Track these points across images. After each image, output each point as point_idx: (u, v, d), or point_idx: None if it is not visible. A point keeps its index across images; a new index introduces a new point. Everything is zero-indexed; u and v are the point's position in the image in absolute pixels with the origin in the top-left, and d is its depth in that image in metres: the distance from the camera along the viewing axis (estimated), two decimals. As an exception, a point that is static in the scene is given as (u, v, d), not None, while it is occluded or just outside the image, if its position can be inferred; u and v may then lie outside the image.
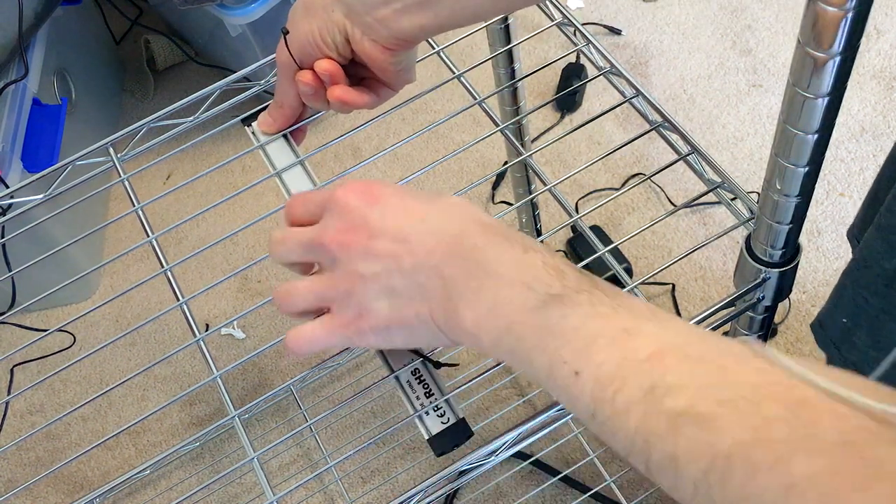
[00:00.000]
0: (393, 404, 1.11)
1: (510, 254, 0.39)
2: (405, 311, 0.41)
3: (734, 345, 0.33)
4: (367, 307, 0.42)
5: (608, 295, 0.37)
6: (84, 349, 1.17)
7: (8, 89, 1.07)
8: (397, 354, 0.49)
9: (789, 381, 0.30)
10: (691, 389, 0.32)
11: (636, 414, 0.33)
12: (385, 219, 0.41)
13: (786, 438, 0.29)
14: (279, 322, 1.23)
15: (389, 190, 0.43)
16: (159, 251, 0.58)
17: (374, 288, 0.41)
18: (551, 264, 0.39)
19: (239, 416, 0.51)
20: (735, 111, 1.31)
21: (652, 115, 0.60)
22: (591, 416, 0.35)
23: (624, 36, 1.43)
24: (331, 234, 0.42)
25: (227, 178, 1.38)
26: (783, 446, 0.29)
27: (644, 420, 0.33)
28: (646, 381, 0.33)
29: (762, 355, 0.33)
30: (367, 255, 0.41)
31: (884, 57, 1.31)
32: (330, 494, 1.06)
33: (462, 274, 0.39)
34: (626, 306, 0.36)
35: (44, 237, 1.07)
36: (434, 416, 0.48)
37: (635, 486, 1.00)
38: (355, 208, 0.42)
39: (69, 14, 1.30)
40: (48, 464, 1.16)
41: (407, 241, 0.41)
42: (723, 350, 0.33)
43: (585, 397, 0.35)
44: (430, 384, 0.48)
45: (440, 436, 0.47)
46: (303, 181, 0.58)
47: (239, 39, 1.22)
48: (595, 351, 0.35)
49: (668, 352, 0.33)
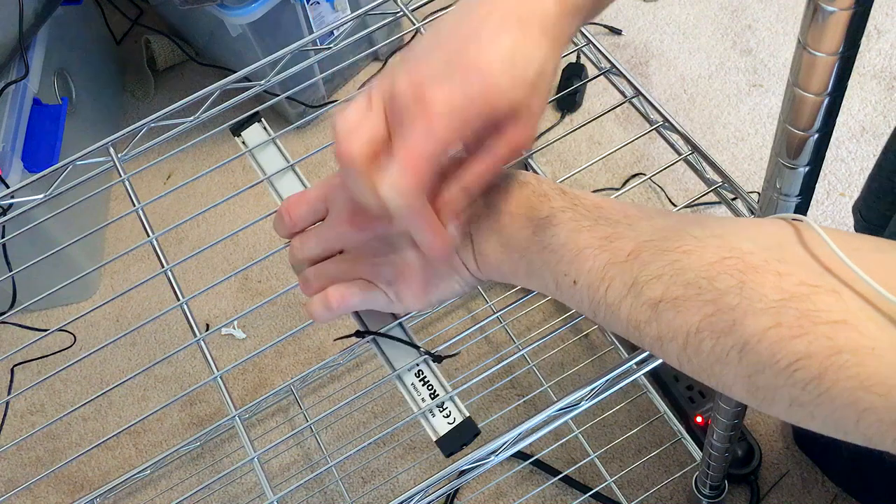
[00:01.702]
0: (393, 404, 1.11)
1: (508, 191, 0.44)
2: None
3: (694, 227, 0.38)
4: (395, 276, 0.46)
5: (588, 209, 0.42)
6: (84, 349, 1.17)
7: (8, 89, 1.07)
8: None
9: (741, 254, 0.35)
10: (664, 277, 0.37)
11: (625, 306, 0.38)
12: None
13: (737, 305, 0.33)
14: (279, 322, 1.23)
15: None
16: (159, 251, 0.58)
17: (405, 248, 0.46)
18: (539, 191, 0.44)
19: (239, 416, 0.51)
20: (735, 111, 1.31)
21: (652, 115, 0.60)
22: (593, 315, 0.41)
23: (624, 36, 1.43)
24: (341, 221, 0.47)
25: (227, 178, 1.38)
26: (735, 312, 0.33)
27: (631, 311, 0.38)
28: (628, 278, 0.38)
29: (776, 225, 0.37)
30: None
31: (884, 57, 1.31)
32: (330, 495, 1.06)
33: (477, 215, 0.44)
34: (605, 217, 0.41)
35: (44, 237, 1.06)
36: (440, 417, 0.48)
37: (635, 486, 1.00)
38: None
39: (69, 14, 1.30)
40: (48, 464, 1.16)
41: None
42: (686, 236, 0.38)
43: (585, 300, 0.41)
44: (435, 385, 0.49)
45: (448, 436, 0.47)
46: (294, 185, 0.58)
47: (239, 39, 1.22)
48: (584, 259, 0.40)
49: (643, 249, 0.38)
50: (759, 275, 0.34)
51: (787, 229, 0.36)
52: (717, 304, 0.34)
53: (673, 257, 0.37)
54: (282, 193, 0.57)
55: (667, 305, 0.36)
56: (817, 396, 0.31)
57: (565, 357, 1.11)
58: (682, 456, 1.01)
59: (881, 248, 0.34)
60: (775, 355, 0.32)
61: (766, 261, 0.34)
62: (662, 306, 0.36)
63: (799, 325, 0.31)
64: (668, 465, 1.01)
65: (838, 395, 0.30)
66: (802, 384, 0.32)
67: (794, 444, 1.00)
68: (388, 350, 0.50)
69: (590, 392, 0.52)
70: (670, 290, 0.36)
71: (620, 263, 0.39)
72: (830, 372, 0.30)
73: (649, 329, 0.37)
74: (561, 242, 0.41)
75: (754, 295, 0.33)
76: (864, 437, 0.31)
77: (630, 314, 0.38)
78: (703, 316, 0.35)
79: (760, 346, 0.33)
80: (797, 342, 0.31)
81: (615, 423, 1.05)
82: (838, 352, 0.30)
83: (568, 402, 0.52)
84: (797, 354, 0.31)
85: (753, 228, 0.38)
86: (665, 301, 0.36)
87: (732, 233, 0.37)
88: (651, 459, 1.01)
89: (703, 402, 1.00)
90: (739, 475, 0.97)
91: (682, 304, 0.36)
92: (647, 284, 0.37)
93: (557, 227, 0.42)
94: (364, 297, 0.47)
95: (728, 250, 0.35)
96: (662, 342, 0.37)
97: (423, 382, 0.49)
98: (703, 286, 0.35)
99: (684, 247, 0.37)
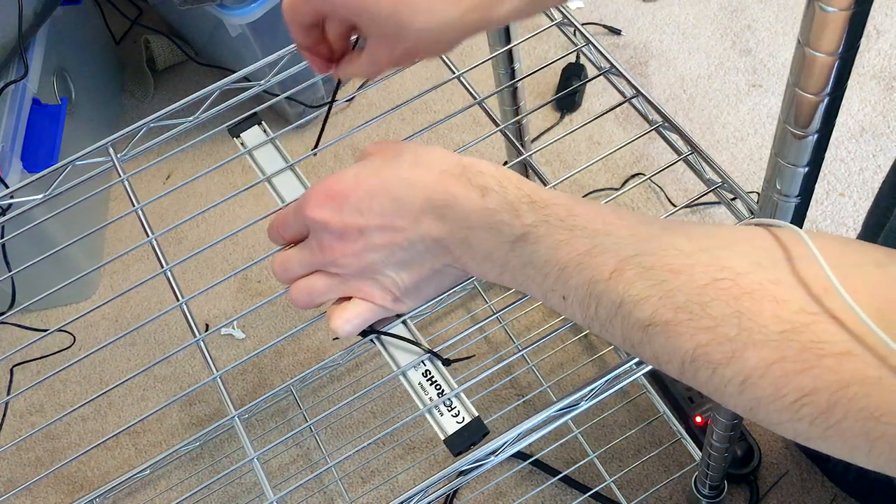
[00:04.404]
0: (393, 404, 1.11)
1: (471, 202, 0.42)
2: (424, 269, 0.45)
3: (679, 239, 0.37)
4: (392, 281, 0.46)
5: (562, 219, 0.40)
6: (84, 349, 1.17)
7: (8, 89, 1.07)
8: None
9: (734, 275, 0.33)
10: (653, 299, 0.35)
11: (616, 326, 0.37)
12: (362, 212, 0.44)
13: (735, 336, 0.32)
14: (279, 322, 1.23)
15: (347, 180, 0.45)
16: (159, 251, 0.57)
17: (389, 265, 0.45)
18: (506, 202, 0.41)
19: (239, 417, 0.51)
20: (735, 111, 1.31)
21: (652, 115, 0.60)
22: (588, 328, 0.40)
23: (624, 36, 1.43)
24: (328, 252, 0.46)
25: (227, 178, 1.38)
26: (734, 343, 0.32)
27: (623, 331, 0.37)
28: (615, 298, 0.37)
29: None
30: (367, 251, 0.44)
31: (884, 57, 1.31)
32: (330, 494, 1.06)
33: (448, 232, 0.43)
34: (581, 226, 0.39)
35: (44, 237, 1.06)
36: (449, 416, 0.48)
37: (635, 486, 1.00)
38: (331, 219, 0.44)
39: (69, 14, 1.30)
40: (48, 464, 1.16)
41: (393, 225, 0.43)
42: (672, 250, 0.36)
43: (578, 315, 0.40)
44: (442, 384, 0.49)
45: (457, 435, 0.47)
46: (294, 185, 0.58)
47: (239, 39, 1.22)
48: (567, 277, 0.39)
49: (627, 267, 0.37)
50: (755, 302, 0.32)
51: (780, 243, 0.35)
52: (713, 332, 0.33)
53: (660, 276, 0.35)
54: (281, 193, 0.57)
55: (657, 329, 0.35)
56: (825, 430, 0.30)
57: (565, 357, 1.11)
58: (682, 456, 1.01)
59: (880, 262, 0.33)
60: (780, 390, 0.31)
61: (761, 284, 0.33)
62: (653, 330, 0.35)
63: (803, 358, 0.30)
64: (668, 465, 1.01)
65: (848, 429, 0.30)
66: (809, 419, 0.31)
67: (794, 445, 1.00)
68: (393, 348, 0.50)
69: (589, 392, 0.52)
70: (660, 313, 0.35)
71: (604, 282, 0.37)
72: (839, 406, 0.30)
73: (644, 349, 0.36)
74: (543, 260, 0.40)
75: (753, 326, 0.32)
76: (875, 465, 0.30)
77: (623, 333, 0.37)
78: (696, 344, 0.33)
79: (763, 381, 0.31)
80: (802, 377, 0.30)
81: (615, 423, 1.05)
82: (846, 385, 0.29)
83: (568, 402, 0.52)
84: (803, 390, 0.30)
85: (744, 243, 0.36)
86: (655, 325, 0.35)
87: (721, 246, 0.35)
88: (650, 459, 1.01)
89: (702, 402, 1.00)
90: (739, 475, 0.97)
91: (674, 329, 0.34)
92: (635, 306, 0.36)
93: (536, 245, 0.40)
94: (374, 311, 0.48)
95: (719, 270, 0.34)
96: (660, 363, 0.36)
97: (431, 381, 0.49)
98: (696, 311, 0.34)
99: (671, 264, 0.35)
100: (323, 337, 1.20)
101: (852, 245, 0.35)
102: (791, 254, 0.34)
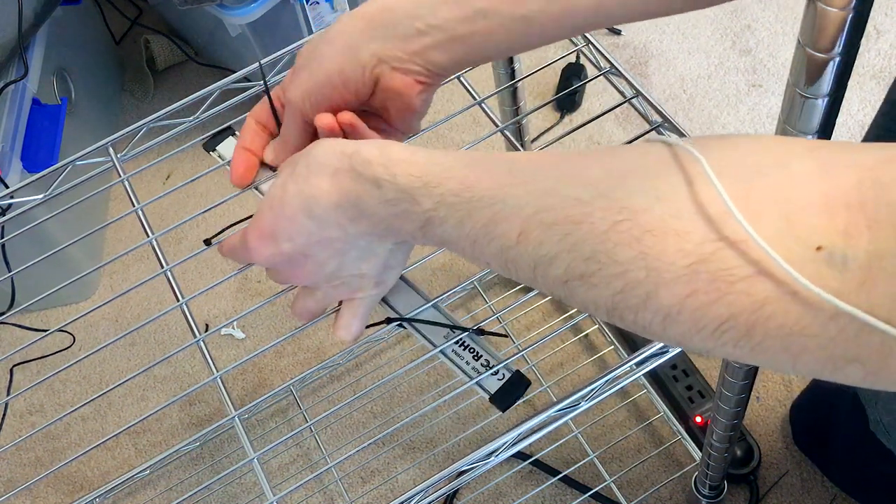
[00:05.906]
0: (393, 404, 1.11)
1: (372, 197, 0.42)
2: (379, 254, 0.47)
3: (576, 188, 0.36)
4: (360, 274, 0.48)
5: (456, 193, 0.39)
6: (84, 349, 1.17)
7: (8, 89, 1.07)
8: (402, 300, 0.52)
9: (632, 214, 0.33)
10: (563, 255, 0.35)
11: (541, 285, 0.38)
12: (293, 238, 0.45)
13: (645, 278, 0.33)
14: (279, 322, 1.23)
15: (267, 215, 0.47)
16: (159, 251, 0.58)
17: (347, 265, 0.47)
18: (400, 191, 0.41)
19: (239, 417, 0.51)
20: (735, 111, 1.31)
21: (652, 115, 0.60)
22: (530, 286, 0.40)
23: (624, 36, 1.43)
24: (293, 278, 0.49)
25: (226, 178, 1.38)
26: (646, 286, 0.33)
27: (548, 288, 0.38)
28: (528, 261, 0.37)
29: None
30: (320, 266, 0.47)
31: (884, 57, 1.31)
32: (330, 494, 1.06)
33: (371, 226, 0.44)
34: (477, 196, 0.39)
35: (44, 237, 1.06)
36: (489, 376, 0.50)
37: (635, 486, 1.00)
38: (274, 254, 0.47)
39: (69, 14, 1.30)
40: (48, 464, 1.16)
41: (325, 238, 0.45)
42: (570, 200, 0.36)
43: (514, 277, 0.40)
44: (476, 348, 0.51)
45: (501, 392, 0.49)
46: None
47: (239, 39, 1.22)
48: (482, 249, 0.39)
49: (530, 227, 0.37)
50: (658, 240, 0.32)
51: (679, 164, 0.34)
52: (624, 278, 0.33)
53: (563, 230, 0.35)
54: None
55: (575, 283, 0.35)
56: (750, 350, 0.31)
57: (565, 357, 1.11)
58: (682, 456, 1.01)
59: (781, 161, 0.31)
60: (699, 322, 0.31)
61: (661, 219, 0.32)
62: (571, 284, 0.36)
63: (715, 288, 0.31)
64: (668, 465, 1.01)
65: (770, 346, 0.30)
66: (733, 343, 0.31)
67: (794, 445, 1.00)
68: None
69: (589, 392, 0.52)
70: (572, 267, 0.35)
71: (514, 248, 0.37)
72: (758, 327, 0.30)
73: (573, 301, 0.37)
74: (454, 238, 0.40)
75: (660, 265, 0.32)
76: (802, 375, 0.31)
77: (550, 290, 0.38)
78: (613, 292, 0.34)
79: (682, 316, 0.32)
80: (717, 306, 0.31)
81: (615, 423, 1.05)
82: (761, 306, 0.30)
83: (567, 402, 0.52)
84: (721, 318, 0.31)
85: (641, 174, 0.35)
86: (572, 280, 0.35)
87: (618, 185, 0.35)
88: (650, 459, 1.01)
89: (702, 402, 1.00)
90: (739, 475, 0.97)
91: (589, 281, 0.35)
92: (549, 265, 0.36)
93: (442, 226, 0.40)
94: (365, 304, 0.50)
95: (618, 212, 0.34)
96: (590, 311, 0.37)
97: (465, 347, 0.51)
98: (603, 260, 0.34)
99: (571, 215, 0.35)
100: (323, 337, 1.20)
101: (752, 145, 0.33)
102: (690, 174, 0.33)
